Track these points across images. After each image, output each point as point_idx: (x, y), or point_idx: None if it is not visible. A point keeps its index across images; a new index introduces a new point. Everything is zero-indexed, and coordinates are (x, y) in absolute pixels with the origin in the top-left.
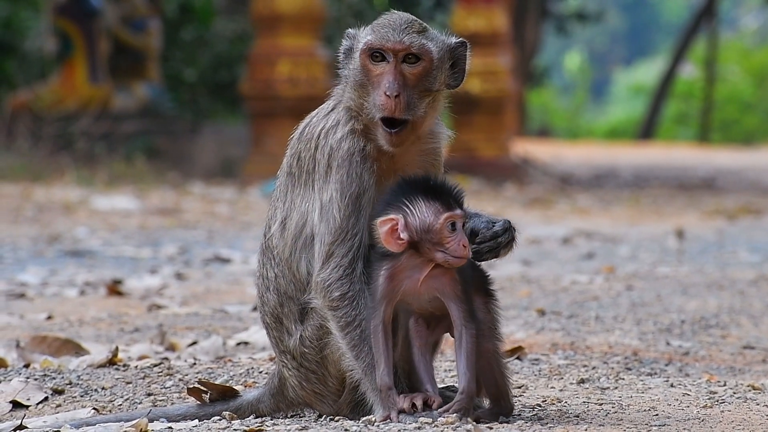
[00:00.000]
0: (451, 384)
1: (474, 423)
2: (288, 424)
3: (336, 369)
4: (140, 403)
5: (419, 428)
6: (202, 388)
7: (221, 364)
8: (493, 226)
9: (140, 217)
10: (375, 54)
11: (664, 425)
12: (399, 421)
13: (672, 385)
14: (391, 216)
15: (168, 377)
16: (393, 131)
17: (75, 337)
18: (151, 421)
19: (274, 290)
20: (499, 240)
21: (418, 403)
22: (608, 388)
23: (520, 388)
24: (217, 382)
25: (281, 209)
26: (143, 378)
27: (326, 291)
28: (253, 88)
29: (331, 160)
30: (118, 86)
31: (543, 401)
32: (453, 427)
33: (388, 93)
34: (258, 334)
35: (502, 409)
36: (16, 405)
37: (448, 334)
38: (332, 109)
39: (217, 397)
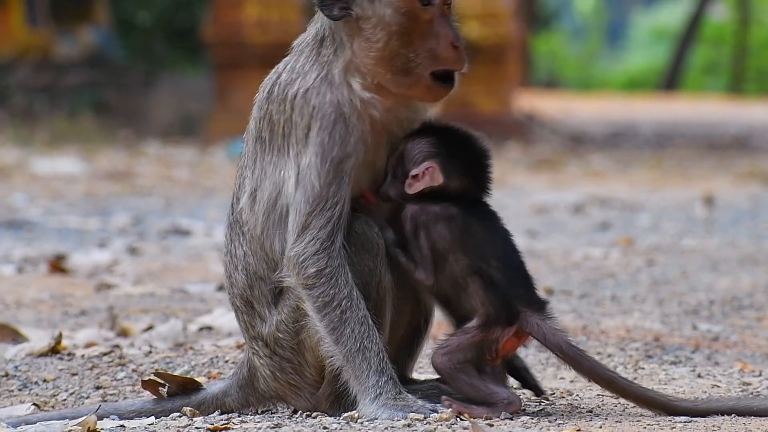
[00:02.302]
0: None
1: (471, 419)
2: (258, 422)
3: (314, 357)
4: (88, 397)
5: (409, 425)
6: (158, 380)
7: (181, 352)
8: None
9: (87, 183)
10: None
11: (690, 421)
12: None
13: (699, 376)
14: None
15: (120, 368)
16: (450, 87)
17: (12, 321)
18: (100, 418)
19: (242, 270)
20: None
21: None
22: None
23: None
24: (176, 373)
25: (250, 179)
26: (91, 368)
27: (300, 267)
28: (216, 33)
29: (312, 121)
30: (60, 31)
31: (551, 394)
32: (448, 424)
33: (457, 43)
34: (223, 318)
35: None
36: None
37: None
38: (313, 64)
39: (177, 390)
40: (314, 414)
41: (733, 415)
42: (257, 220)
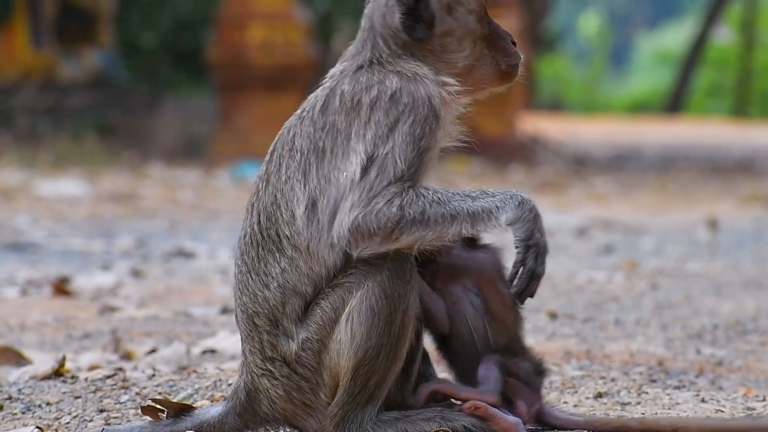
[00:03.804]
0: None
1: None
2: None
3: (330, 377)
4: (91, 420)
5: None
6: (157, 406)
7: (184, 375)
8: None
9: (91, 205)
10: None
11: None
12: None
13: (703, 400)
14: None
15: (123, 391)
16: (518, 69)
17: (16, 343)
18: None
19: (277, 288)
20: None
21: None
22: (630, 403)
23: None
24: (180, 396)
25: (302, 191)
26: (94, 392)
27: (377, 220)
28: (221, 55)
29: (401, 116)
30: (65, 53)
31: None
32: None
33: (514, 40)
34: (227, 341)
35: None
36: None
37: None
38: (386, 74)
39: (175, 416)
40: None
41: None
42: (321, 228)
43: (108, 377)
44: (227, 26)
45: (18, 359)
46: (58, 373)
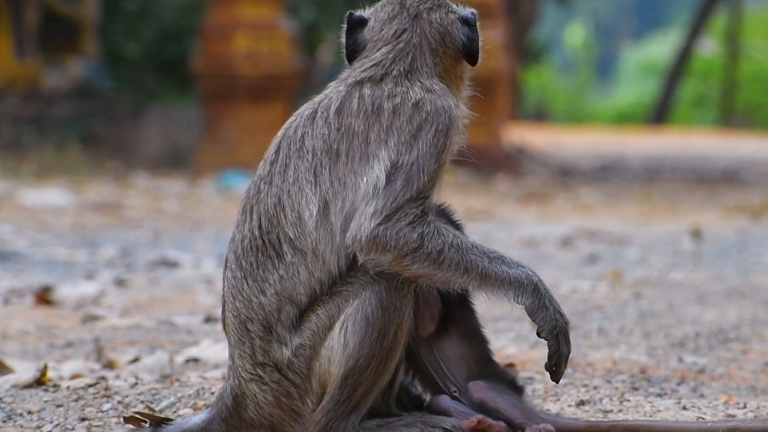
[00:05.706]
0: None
1: None
2: None
3: (318, 384)
4: (73, 429)
5: None
6: (140, 417)
7: (167, 384)
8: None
9: (75, 214)
10: None
11: None
12: None
13: (685, 408)
14: None
15: (105, 399)
16: None
17: None
18: None
19: (273, 294)
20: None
21: None
22: (612, 410)
23: None
24: (162, 405)
25: (313, 192)
26: (76, 400)
27: (396, 239)
28: (206, 65)
29: (425, 124)
30: (48, 62)
31: None
32: None
33: None
34: (210, 350)
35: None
36: None
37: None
38: (410, 86)
39: (157, 425)
40: None
41: None
42: (333, 231)
43: (90, 386)
44: (212, 36)
45: None
46: (39, 381)
